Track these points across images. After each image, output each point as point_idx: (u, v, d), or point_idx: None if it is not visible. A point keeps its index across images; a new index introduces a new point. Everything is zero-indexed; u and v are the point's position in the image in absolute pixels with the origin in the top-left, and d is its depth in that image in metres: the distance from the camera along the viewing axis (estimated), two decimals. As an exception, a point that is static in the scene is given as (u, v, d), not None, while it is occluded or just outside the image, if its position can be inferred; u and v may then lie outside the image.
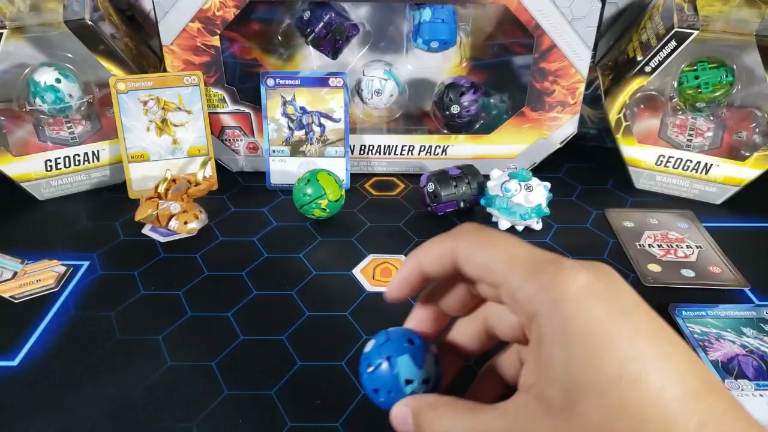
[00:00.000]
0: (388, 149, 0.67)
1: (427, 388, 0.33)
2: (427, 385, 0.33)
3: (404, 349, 0.33)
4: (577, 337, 0.24)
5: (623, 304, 0.25)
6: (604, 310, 0.24)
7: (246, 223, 0.59)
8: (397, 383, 0.32)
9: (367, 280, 0.51)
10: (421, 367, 0.32)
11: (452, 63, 0.68)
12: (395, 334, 0.34)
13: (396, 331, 0.34)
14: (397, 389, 0.33)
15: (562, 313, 0.24)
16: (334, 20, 0.62)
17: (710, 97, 0.61)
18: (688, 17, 0.59)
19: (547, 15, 0.59)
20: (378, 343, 0.34)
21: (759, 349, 0.43)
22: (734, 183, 0.62)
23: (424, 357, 0.33)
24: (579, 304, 0.24)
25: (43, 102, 0.59)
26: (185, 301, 0.48)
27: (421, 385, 0.32)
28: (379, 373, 0.33)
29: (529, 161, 0.67)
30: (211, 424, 0.37)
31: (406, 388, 0.32)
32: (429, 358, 0.33)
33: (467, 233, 0.30)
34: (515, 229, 0.58)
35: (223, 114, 0.65)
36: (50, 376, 0.41)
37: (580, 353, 0.24)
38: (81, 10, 0.58)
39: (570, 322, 0.24)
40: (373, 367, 0.33)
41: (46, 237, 0.56)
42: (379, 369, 0.33)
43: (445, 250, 0.30)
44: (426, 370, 0.33)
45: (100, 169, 0.64)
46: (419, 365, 0.32)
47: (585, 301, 0.25)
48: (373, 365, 0.33)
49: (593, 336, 0.24)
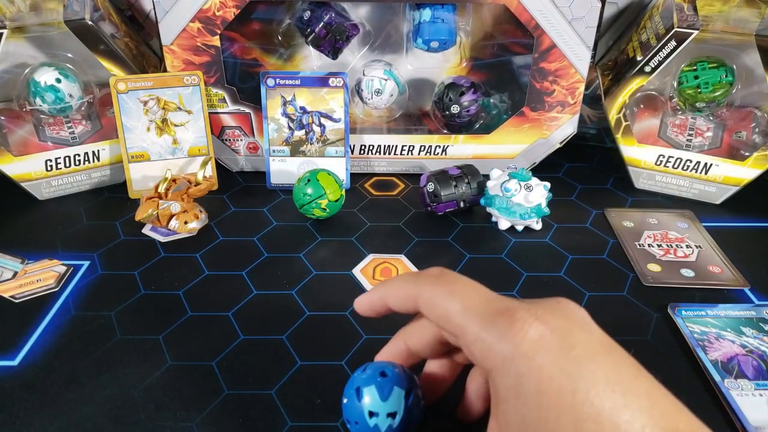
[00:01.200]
0: (388, 149, 0.67)
1: (393, 422, 0.32)
2: (393, 419, 0.32)
3: (373, 381, 0.33)
4: (531, 396, 0.23)
5: (578, 354, 0.24)
6: (557, 365, 0.23)
7: (246, 223, 0.59)
8: (362, 415, 0.33)
9: (367, 279, 0.51)
10: (385, 400, 0.32)
11: (452, 63, 0.69)
12: (372, 366, 0.34)
13: (375, 364, 0.35)
14: (363, 421, 0.33)
15: (516, 371, 0.24)
16: (334, 20, 0.62)
17: (710, 97, 0.61)
18: (688, 17, 0.59)
19: (546, 15, 0.59)
20: (355, 375, 0.34)
21: (759, 348, 0.43)
22: (734, 183, 0.62)
23: (392, 390, 0.32)
24: (530, 361, 0.24)
25: (43, 102, 0.59)
26: (185, 301, 0.48)
27: (386, 418, 0.32)
28: (349, 404, 0.33)
29: (529, 161, 0.67)
30: (211, 424, 0.37)
31: (369, 421, 0.32)
32: (397, 392, 0.32)
33: (429, 279, 0.30)
34: (515, 229, 0.58)
35: (224, 114, 0.65)
36: (50, 376, 0.41)
37: (535, 415, 0.23)
38: (81, 10, 0.58)
39: (523, 381, 0.23)
40: (346, 399, 0.34)
41: (46, 237, 0.56)
42: (350, 400, 0.33)
43: (410, 293, 0.30)
44: (392, 403, 0.32)
45: (100, 169, 0.64)
46: (384, 398, 0.32)
47: (537, 357, 0.24)
48: (346, 396, 0.34)
49: (547, 395, 0.23)
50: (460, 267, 0.53)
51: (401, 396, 0.33)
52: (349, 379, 0.35)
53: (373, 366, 0.34)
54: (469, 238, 0.57)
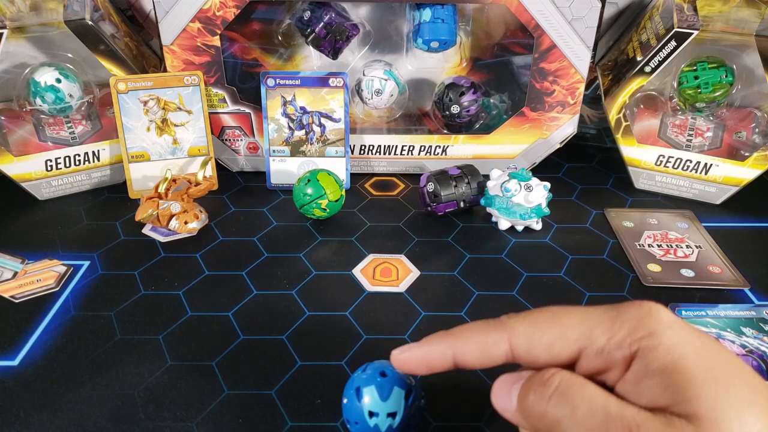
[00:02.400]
0: (388, 149, 0.67)
1: (393, 422, 0.32)
2: (393, 419, 0.32)
3: (372, 381, 0.33)
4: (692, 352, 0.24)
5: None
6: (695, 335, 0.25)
7: (246, 223, 0.59)
8: (362, 415, 0.33)
9: (367, 280, 0.51)
10: (385, 400, 0.32)
11: (452, 63, 0.69)
12: (372, 366, 0.34)
13: (375, 363, 0.34)
14: (363, 421, 0.33)
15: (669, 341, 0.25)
16: (334, 20, 0.62)
17: (710, 97, 0.61)
18: (688, 17, 0.59)
19: (546, 15, 0.59)
20: (355, 375, 0.34)
21: (759, 348, 0.43)
22: (734, 183, 0.62)
23: (392, 390, 0.32)
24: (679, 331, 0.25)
25: (43, 102, 0.59)
26: (185, 301, 0.48)
27: (386, 418, 0.32)
28: (349, 404, 0.33)
29: (529, 161, 0.67)
30: (211, 424, 0.37)
31: (369, 421, 0.32)
32: (397, 392, 0.33)
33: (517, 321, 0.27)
34: (515, 229, 0.58)
35: (224, 114, 0.65)
36: (50, 376, 0.41)
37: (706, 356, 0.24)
38: (81, 10, 0.58)
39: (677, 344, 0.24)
40: (346, 399, 0.34)
41: (46, 237, 0.56)
42: (350, 400, 0.33)
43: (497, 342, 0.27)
44: (392, 403, 0.32)
45: (100, 169, 0.64)
46: (384, 398, 0.32)
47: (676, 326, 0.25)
48: (345, 396, 0.34)
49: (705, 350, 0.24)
50: (460, 267, 0.53)
51: (401, 396, 0.33)
52: (349, 379, 0.35)
53: (373, 366, 0.34)
54: (469, 238, 0.57)
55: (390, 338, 0.45)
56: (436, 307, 0.48)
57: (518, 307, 0.48)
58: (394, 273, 0.52)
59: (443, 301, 0.49)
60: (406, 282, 0.51)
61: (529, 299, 0.49)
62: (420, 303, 0.48)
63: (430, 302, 0.48)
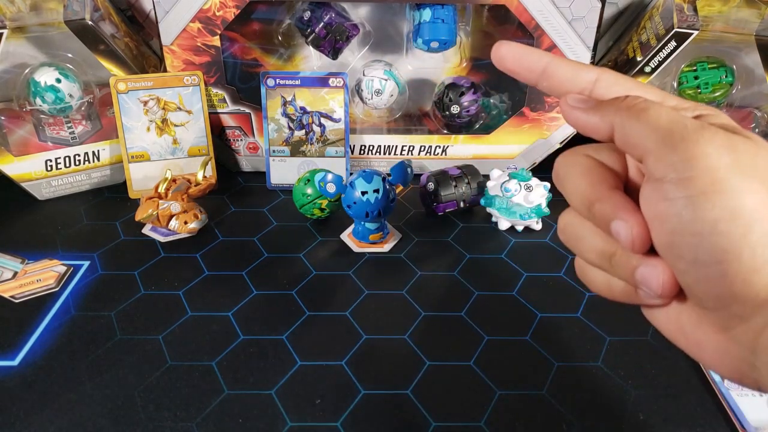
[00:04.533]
0: (388, 149, 0.67)
1: (378, 195, 0.51)
2: (378, 194, 0.51)
3: (359, 174, 0.52)
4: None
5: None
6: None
7: (246, 223, 0.59)
8: (356, 197, 0.51)
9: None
10: (370, 182, 0.51)
11: (452, 63, 0.69)
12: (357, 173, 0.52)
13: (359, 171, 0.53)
14: (359, 200, 0.51)
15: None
16: (334, 20, 0.62)
17: (710, 97, 0.61)
18: (688, 17, 0.59)
19: (546, 15, 0.59)
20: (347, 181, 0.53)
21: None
22: (734, 183, 0.62)
23: (373, 176, 0.51)
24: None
25: (43, 102, 0.59)
26: (185, 301, 0.48)
27: (372, 194, 0.51)
28: (348, 193, 0.52)
29: (529, 161, 0.67)
30: (211, 424, 0.37)
31: (362, 198, 0.51)
32: (377, 178, 0.51)
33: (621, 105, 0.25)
34: (515, 229, 0.58)
35: (224, 114, 0.65)
36: (50, 376, 0.41)
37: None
38: (81, 10, 0.58)
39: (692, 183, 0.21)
40: (345, 194, 0.52)
41: (46, 237, 0.56)
42: (347, 192, 0.52)
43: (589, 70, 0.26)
44: (375, 184, 0.51)
45: (100, 169, 0.64)
46: (369, 181, 0.51)
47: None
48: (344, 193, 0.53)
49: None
50: (459, 267, 0.53)
51: (380, 180, 0.52)
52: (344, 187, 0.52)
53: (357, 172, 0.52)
54: (469, 238, 0.57)
55: (390, 338, 0.45)
56: (436, 307, 0.48)
57: (518, 307, 0.48)
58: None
59: (443, 301, 0.49)
60: (389, 245, 0.51)
61: (529, 299, 0.49)
62: (420, 303, 0.48)
63: (430, 302, 0.49)
